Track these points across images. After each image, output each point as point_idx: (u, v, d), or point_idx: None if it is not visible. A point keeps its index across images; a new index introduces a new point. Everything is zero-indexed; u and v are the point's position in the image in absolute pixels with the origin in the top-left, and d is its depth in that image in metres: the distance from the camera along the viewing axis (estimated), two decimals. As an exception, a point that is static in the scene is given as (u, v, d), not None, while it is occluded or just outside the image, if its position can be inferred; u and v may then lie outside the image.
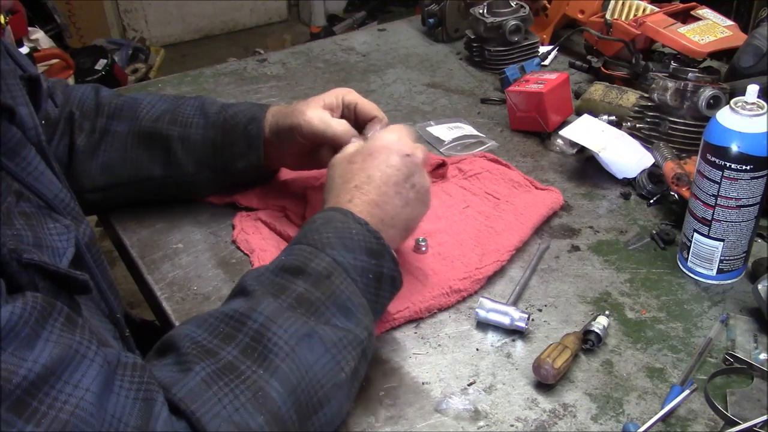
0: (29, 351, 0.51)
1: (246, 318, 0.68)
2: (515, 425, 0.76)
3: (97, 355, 0.56)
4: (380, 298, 0.78)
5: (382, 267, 0.77)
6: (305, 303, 0.71)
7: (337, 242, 0.76)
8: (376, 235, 0.78)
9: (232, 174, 1.03)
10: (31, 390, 0.51)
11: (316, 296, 0.71)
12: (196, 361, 0.64)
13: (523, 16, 1.44)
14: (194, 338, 0.67)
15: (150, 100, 1.06)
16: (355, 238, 0.76)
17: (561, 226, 1.05)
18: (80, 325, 0.57)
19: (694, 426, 0.75)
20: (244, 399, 0.62)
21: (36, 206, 0.66)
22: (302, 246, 0.76)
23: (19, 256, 0.56)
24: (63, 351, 0.53)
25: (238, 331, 0.67)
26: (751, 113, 0.84)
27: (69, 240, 0.67)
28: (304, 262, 0.74)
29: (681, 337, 0.86)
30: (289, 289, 0.71)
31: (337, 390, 0.69)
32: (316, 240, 0.76)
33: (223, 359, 0.64)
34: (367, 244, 0.77)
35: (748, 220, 0.89)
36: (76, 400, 0.52)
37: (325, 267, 0.74)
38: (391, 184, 0.82)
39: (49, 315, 0.54)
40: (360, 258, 0.76)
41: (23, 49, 2.73)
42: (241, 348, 0.66)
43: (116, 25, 4.08)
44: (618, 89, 1.26)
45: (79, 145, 1.02)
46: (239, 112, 1.01)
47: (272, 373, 0.64)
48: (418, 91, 1.43)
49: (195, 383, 0.62)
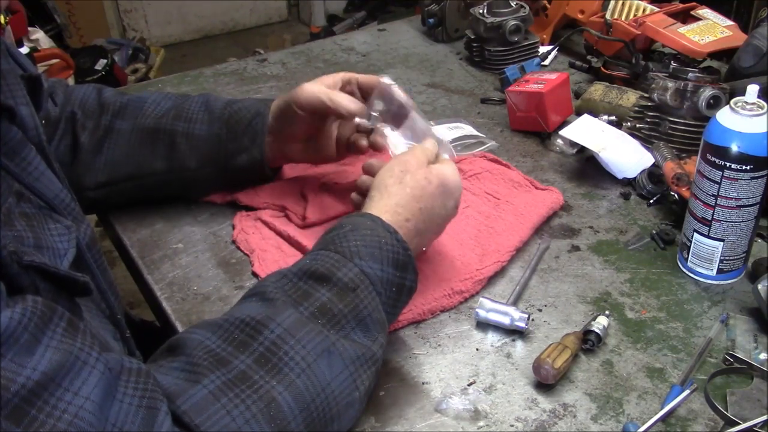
0: (28, 357, 0.50)
1: (263, 327, 0.67)
2: (515, 425, 0.76)
3: (99, 361, 0.55)
4: (396, 309, 0.78)
5: (405, 280, 0.77)
6: (327, 314, 0.69)
7: (366, 252, 0.74)
8: (405, 245, 0.77)
9: (234, 169, 1.03)
10: (30, 398, 0.50)
11: (339, 308, 0.70)
12: (206, 373, 0.62)
13: (523, 16, 1.44)
14: (207, 346, 0.65)
15: (155, 98, 1.06)
16: (384, 248, 0.75)
17: (561, 226, 1.05)
18: (81, 330, 0.56)
19: (694, 426, 0.75)
20: (256, 409, 0.61)
21: (37, 207, 0.66)
22: (329, 253, 0.75)
23: (20, 258, 0.55)
24: (63, 357, 0.52)
25: (253, 340, 0.66)
26: (751, 113, 0.84)
27: (70, 241, 0.67)
28: (330, 270, 0.73)
29: (681, 337, 0.86)
30: (312, 297, 0.70)
31: (349, 408, 0.68)
32: (344, 248, 0.75)
33: (236, 368, 0.63)
34: (395, 255, 0.76)
35: (748, 220, 0.89)
36: (76, 408, 0.52)
37: (352, 278, 0.73)
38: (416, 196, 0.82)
39: (49, 320, 0.53)
40: (387, 270, 0.75)
41: (23, 49, 2.74)
42: (254, 357, 0.65)
43: (116, 25, 4.08)
44: (618, 89, 1.26)
45: (83, 142, 1.02)
46: (244, 108, 1.02)
47: (286, 387, 0.64)
48: (418, 91, 1.43)
49: (202, 396, 0.60)
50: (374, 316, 0.72)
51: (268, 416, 0.61)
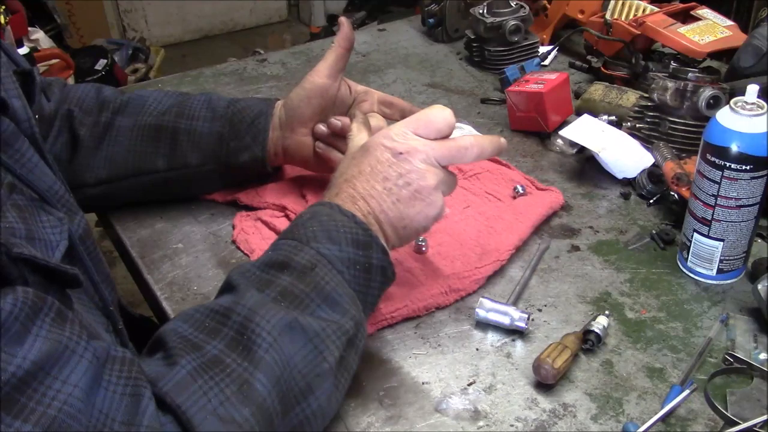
0: (19, 347, 0.52)
1: (230, 312, 0.68)
2: (515, 425, 0.76)
3: (87, 350, 0.56)
4: (371, 290, 0.78)
5: (371, 258, 0.76)
6: (289, 296, 0.70)
7: (322, 235, 0.75)
8: (363, 226, 0.77)
9: (235, 167, 1.03)
10: (20, 386, 0.51)
11: (300, 288, 0.71)
12: (182, 354, 0.64)
13: (523, 16, 1.44)
14: (181, 333, 0.67)
15: (157, 95, 1.06)
16: (341, 230, 0.76)
17: (561, 226, 1.05)
18: (70, 320, 0.57)
19: (694, 426, 0.75)
20: (230, 392, 0.62)
21: (29, 199, 0.66)
22: (287, 241, 0.76)
23: (9, 250, 0.55)
24: (52, 347, 0.53)
25: (223, 325, 0.67)
26: (751, 113, 0.84)
27: (62, 232, 0.67)
28: (288, 256, 0.74)
29: (681, 337, 0.86)
30: (273, 284, 0.71)
31: (321, 380, 0.68)
32: (301, 234, 0.76)
33: (209, 353, 0.65)
34: (354, 236, 0.76)
35: (748, 220, 0.89)
36: (65, 396, 0.53)
37: (309, 260, 0.73)
38: (379, 179, 0.80)
39: (39, 310, 0.54)
40: (346, 249, 0.75)
41: (23, 49, 2.73)
42: (226, 342, 0.66)
43: (116, 25, 4.09)
44: (618, 89, 1.26)
45: (83, 139, 1.02)
46: (247, 106, 1.03)
47: (257, 365, 0.65)
48: (418, 91, 1.43)
49: (181, 377, 0.62)
50: (340, 291, 0.73)
51: (241, 397, 0.62)
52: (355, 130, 0.90)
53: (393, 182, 0.80)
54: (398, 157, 0.80)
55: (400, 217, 0.80)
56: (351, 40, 1.00)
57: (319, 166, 1.04)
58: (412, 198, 0.80)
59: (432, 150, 0.81)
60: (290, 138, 1.02)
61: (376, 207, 0.80)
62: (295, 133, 1.02)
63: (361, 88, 1.06)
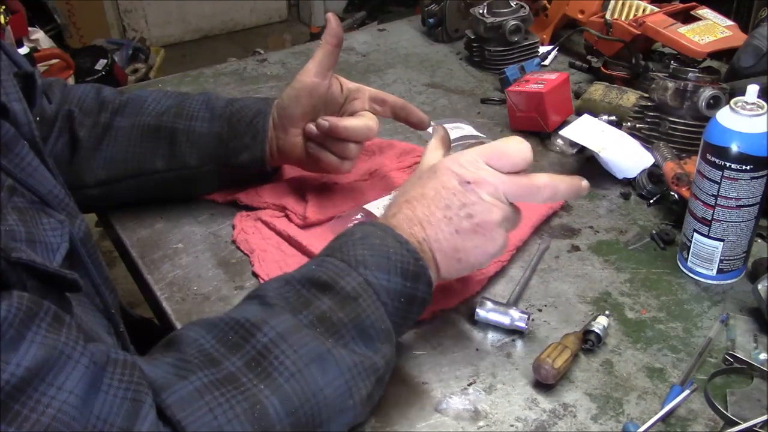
0: (13, 354, 0.51)
1: (256, 330, 0.66)
2: (515, 425, 0.76)
3: (83, 355, 0.55)
4: (407, 321, 0.76)
5: (416, 290, 0.74)
6: (326, 322, 0.68)
7: (372, 261, 0.72)
8: (415, 255, 0.74)
9: (235, 167, 1.03)
10: (14, 393, 0.50)
11: (339, 317, 0.69)
12: (195, 370, 0.63)
13: (523, 16, 1.44)
14: (201, 345, 0.66)
15: (155, 96, 1.06)
16: (392, 258, 0.73)
17: (561, 226, 1.05)
18: (67, 324, 0.56)
19: (694, 426, 0.75)
20: (240, 410, 0.61)
21: (29, 201, 0.66)
22: (335, 260, 0.73)
23: (8, 255, 0.55)
24: (47, 352, 0.53)
25: (246, 342, 0.66)
26: (751, 113, 0.84)
27: (63, 235, 0.66)
28: (333, 278, 0.71)
29: (681, 337, 0.86)
30: (312, 305, 0.69)
31: (341, 414, 0.67)
32: (350, 257, 0.73)
33: (225, 369, 0.63)
34: (404, 266, 0.73)
35: (748, 220, 0.89)
36: (59, 403, 0.52)
37: (354, 287, 0.71)
38: (441, 206, 0.76)
39: (35, 315, 0.53)
40: (394, 280, 0.72)
41: (23, 49, 2.73)
42: (245, 360, 0.65)
43: (116, 25, 4.09)
44: (618, 89, 1.26)
45: (82, 140, 1.02)
46: (245, 106, 1.02)
47: (273, 390, 0.63)
48: (418, 91, 1.43)
49: (187, 392, 0.61)
50: (378, 326, 0.71)
51: (251, 417, 0.61)
52: (431, 146, 0.86)
53: (454, 211, 0.76)
54: (465, 186, 0.77)
55: (455, 249, 0.77)
56: (339, 36, 0.98)
57: (314, 166, 1.04)
58: (472, 231, 0.77)
59: (502, 184, 0.77)
60: (283, 139, 1.02)
61: (432, 234, 0.77)
62: (288, 134, 1.01)
63: (353, 86, 1.04)
